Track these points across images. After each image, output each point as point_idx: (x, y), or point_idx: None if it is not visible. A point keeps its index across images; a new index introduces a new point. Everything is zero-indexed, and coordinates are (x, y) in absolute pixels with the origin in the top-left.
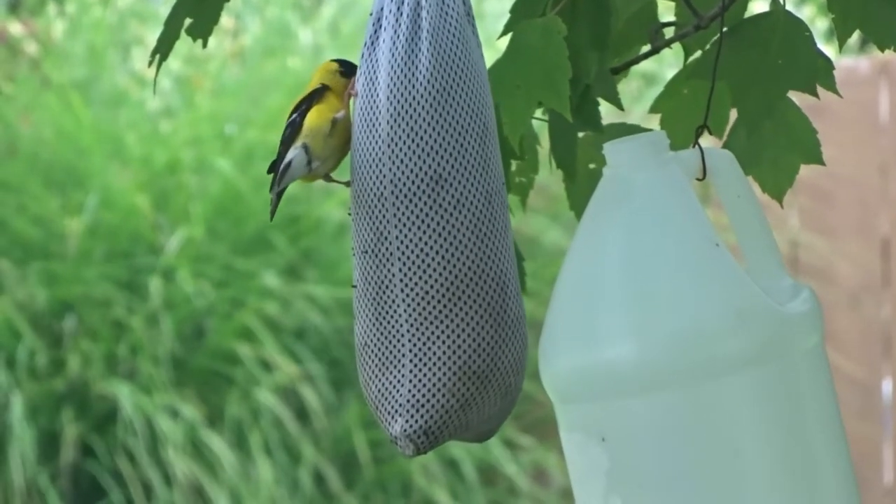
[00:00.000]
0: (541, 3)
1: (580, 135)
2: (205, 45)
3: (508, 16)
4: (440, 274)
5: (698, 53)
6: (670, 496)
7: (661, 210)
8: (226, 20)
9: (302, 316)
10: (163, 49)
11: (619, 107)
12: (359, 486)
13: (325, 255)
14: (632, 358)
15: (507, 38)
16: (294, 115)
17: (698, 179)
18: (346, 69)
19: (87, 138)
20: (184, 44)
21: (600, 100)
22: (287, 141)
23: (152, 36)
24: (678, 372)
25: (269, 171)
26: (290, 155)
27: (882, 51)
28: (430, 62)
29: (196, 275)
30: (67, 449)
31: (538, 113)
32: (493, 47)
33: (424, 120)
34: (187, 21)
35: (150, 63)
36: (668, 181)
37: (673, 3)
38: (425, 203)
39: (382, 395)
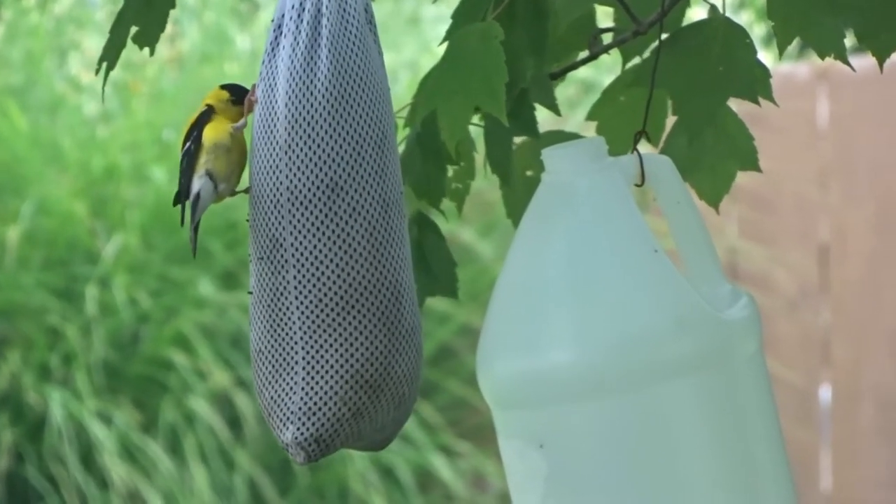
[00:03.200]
0: (481, 9)
1: (517, 141)
2: (152, 52)
3: (446, 20)
4: (334, 282)
5: (636, 60)
6: (609, 503)
7: (600, 216)
8: None
9: (237, 322)
10: (109, 57)
11: (557, 112)
12: (295, 492)
13: None
14: (571, 364)
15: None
16: (188, 144)
17: (637, 185)
18: (237, 96)
19: (23, 144)
20: None
21: (538, 106)
22: (187, 171)
23: (89, 41)
24: (617, 378)
25: (174, 204)
26: (196, 186)
27: (822, 58)
28: (328, 69)
29: (132, 282)
30: (2, 455)
31: (474, 118)
32: (432, 53)
33: (322, 127)
34: (133, 29)
35: (97, 71)
36: (607, 187)
37: (611, 9)
38: (321, 210)
39: (275, 401)
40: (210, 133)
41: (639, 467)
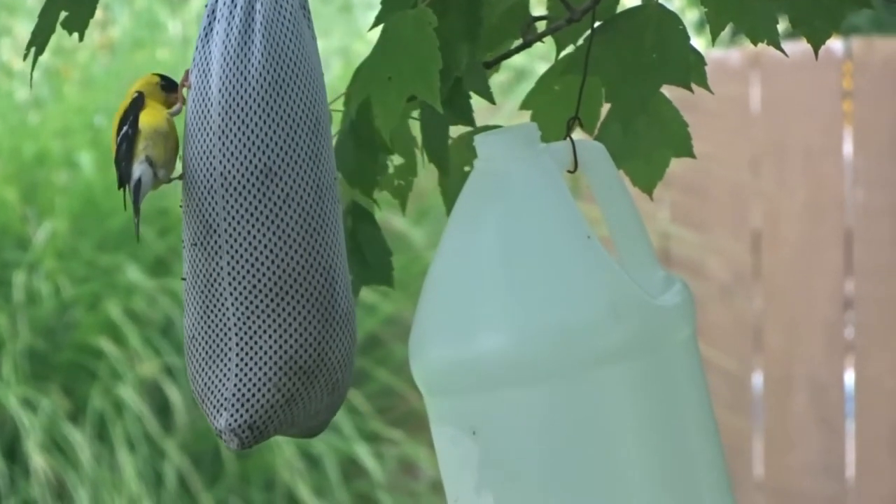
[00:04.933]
0: None
1: (453, 132)
2: (81, 38)
3: (378, 7)
4: (268, 268)
5: (571, 48)
6: (542, 490)
7: (532, 203)
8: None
9: (167, 310)
10: (38, 42)
11: (491, 100)
12: (222, 480)
13: None
14: (503, 351)
15: (378, 29)
16: (125, 129)
17: (570, 172)
18: (168, 83)
19: None
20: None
21: (472, 94)
22: (126, 156)
23: (20, 27)
24: (550, 365)
25: (119, 187)
26: (136, 172)
27: (755, 44)
28: (262, 55)
29: (63, 269)
30: None
31: (413, 113)
32: (364, 39)
33: (256, 113)
34: (62, 14)
35: (26, 56)
36: (539, 173)
37: None
38: (255, 196)
39: (209, 388)
40: (147, 119)
41: (573, 454)
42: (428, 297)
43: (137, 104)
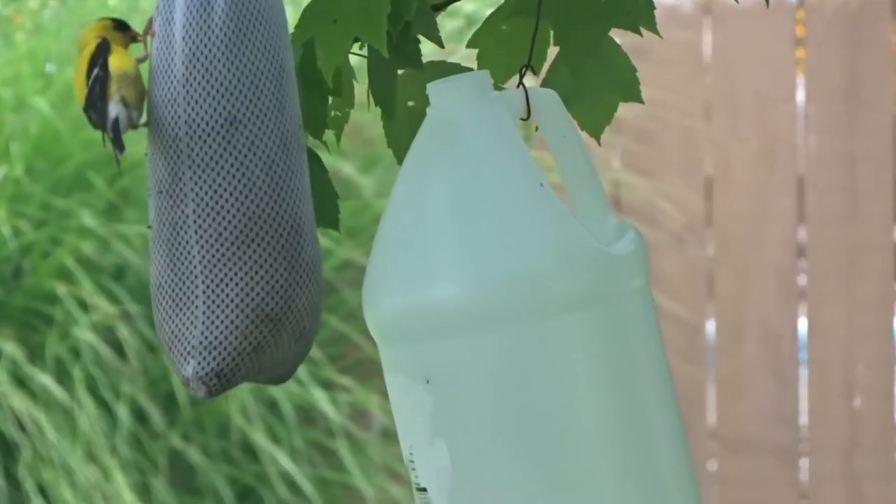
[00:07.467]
0: None
1: (399, 72)
2: None
3: None
4: (234, 216)
5: None
6: (496, 439)
7: (486, 151)
8: None
9: (121, 255)
10: None
11: (440, 44)
12: (177, 425)
13: (145, 195)
14: (456, 299)
15: None
16: (96, 71)
17: (522, 119)
18: (119, 24)
19: None
20: None
21: (423, 40)
22: (101, 98)
23: None
24: (503, 314)
25: (95, 128)
26: (113, 111)
27: None
28: (226, 3)
29: (15, 214)
30: None
31: (356, 48)
32: None
33: (220, 61)
34: None
35: None
36: (492, 122)
37: None
38: (220, 144)
39: (175, 336)
40: (117, 62)
41: (526, 403)
42: (381, 246)
43: (104, 48)
